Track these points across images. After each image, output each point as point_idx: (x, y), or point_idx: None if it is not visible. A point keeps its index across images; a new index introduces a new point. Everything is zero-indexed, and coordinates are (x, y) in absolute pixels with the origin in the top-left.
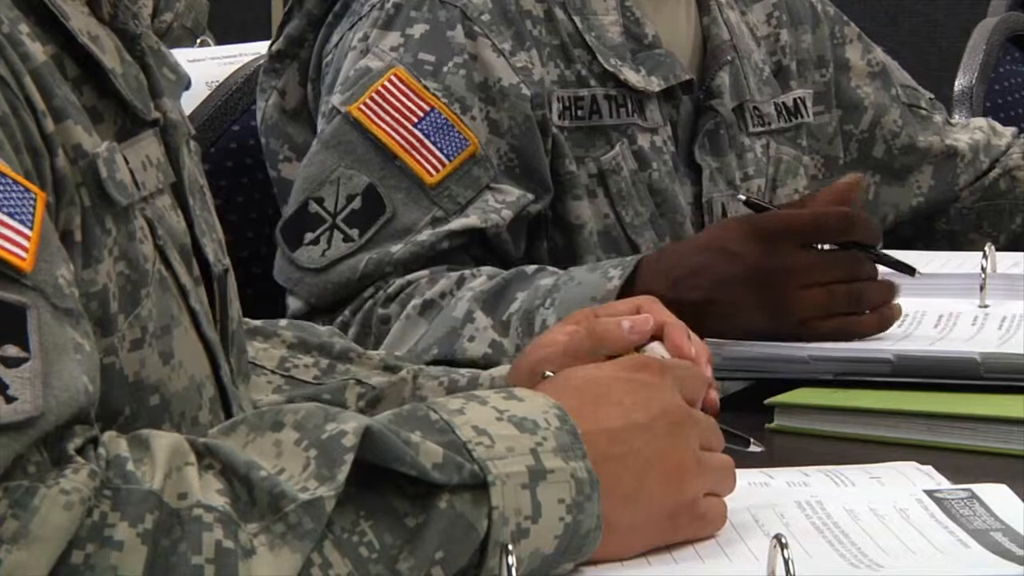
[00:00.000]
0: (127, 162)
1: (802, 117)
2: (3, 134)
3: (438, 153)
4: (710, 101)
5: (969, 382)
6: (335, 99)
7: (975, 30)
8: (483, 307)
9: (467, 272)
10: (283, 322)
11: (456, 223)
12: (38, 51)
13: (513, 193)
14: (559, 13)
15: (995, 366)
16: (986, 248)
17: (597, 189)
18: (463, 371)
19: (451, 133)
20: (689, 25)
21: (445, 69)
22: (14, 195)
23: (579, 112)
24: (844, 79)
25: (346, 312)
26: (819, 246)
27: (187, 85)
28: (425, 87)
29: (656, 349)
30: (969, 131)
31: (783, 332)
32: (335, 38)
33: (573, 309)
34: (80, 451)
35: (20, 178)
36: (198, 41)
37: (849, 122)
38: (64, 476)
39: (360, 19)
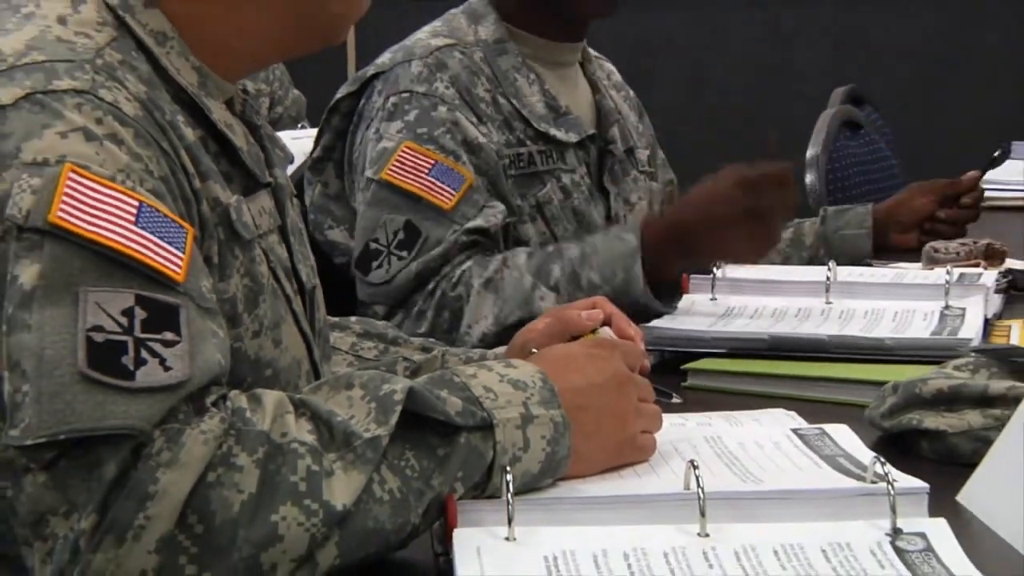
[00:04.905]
0: (249, 210)
1: (652, 167)
2: (165, 188)
3: (449, 189)
4: (609, 147)
5: (821, 354)
6: (368, 172)
7: (819, 117)
8: (537, 278)
9: (500, 255)
10: (353, 319)
11: (470, 224)
12: (190, 134)
13: (498, 207)
14: (500, 99)
15: (839, 344)
16: (830, 264)
17: (536, 216)
18: (476, 351)
19: (453, 174)
20: (587, 100)
21: (436, 134)
22: (172, 229)
23: (520, 164)
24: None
25: (420, 302)
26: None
27: (291, 160)
28: (428, 149)
29: (607, 332)
30: None
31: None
32: (358, 140)
33: (612, 266)
34: (215, 404)
35: (177, 217)
36: (299, 125)
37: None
38: (203, 421)
39: (372, 120)
